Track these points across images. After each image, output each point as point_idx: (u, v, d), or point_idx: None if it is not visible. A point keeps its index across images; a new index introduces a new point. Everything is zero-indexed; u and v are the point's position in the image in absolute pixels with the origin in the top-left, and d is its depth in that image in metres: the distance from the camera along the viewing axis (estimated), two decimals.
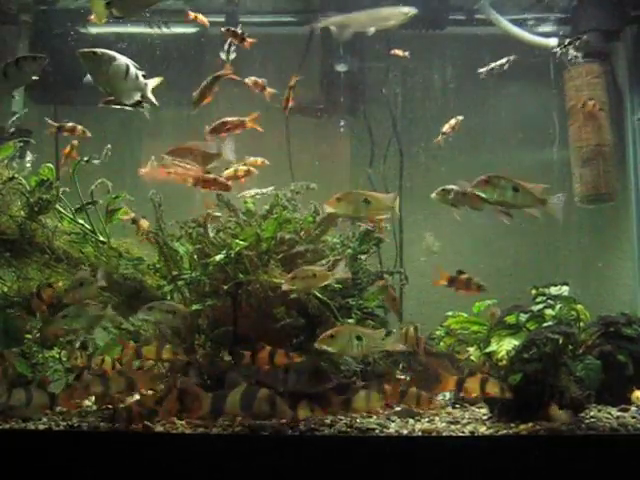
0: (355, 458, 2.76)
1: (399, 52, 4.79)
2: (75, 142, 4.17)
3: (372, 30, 4.10)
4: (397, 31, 4.30)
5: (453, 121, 4.71)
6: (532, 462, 2.73)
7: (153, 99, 3.27)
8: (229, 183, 3.61)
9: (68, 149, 4.16)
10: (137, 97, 3.18)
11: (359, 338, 2.97)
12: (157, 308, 3.31)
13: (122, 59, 3.04)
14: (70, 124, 4.19)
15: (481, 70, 4.77)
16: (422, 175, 5.46)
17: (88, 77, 3.10)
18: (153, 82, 3.27)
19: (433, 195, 3.33)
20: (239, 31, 4.02)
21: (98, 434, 2.91)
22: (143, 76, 3.16)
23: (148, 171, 3.83)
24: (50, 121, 4.23)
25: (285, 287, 3.13)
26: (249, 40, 4.04)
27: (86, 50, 2.95)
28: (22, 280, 3.77)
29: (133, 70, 3.07)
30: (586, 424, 2.92)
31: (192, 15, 4.53)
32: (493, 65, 4.70)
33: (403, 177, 5.46)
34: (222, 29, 4.06)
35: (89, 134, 4.23)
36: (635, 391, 3.41)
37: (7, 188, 3.59)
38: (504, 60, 4.67)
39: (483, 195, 2.93)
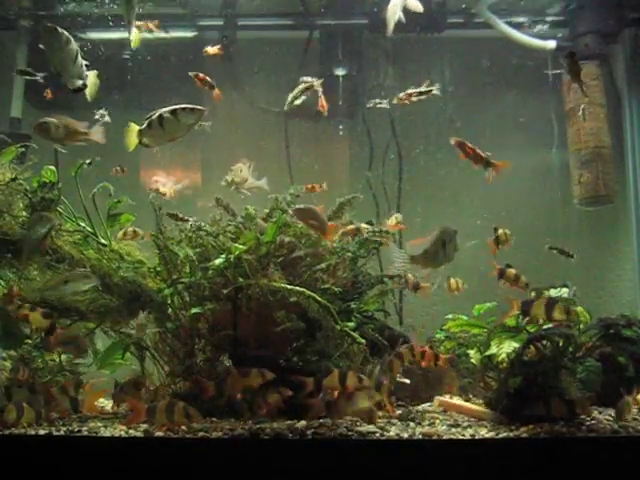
0: (356, 462, 2.76)
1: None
2: None
3: None
4: (396, 34, 4.29)
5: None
6: (533, 465, 2.73)
7: (88, 92, 3.35)
8: None
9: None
10: (79, 84, 3.25)
11: None
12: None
13: (75, 44, 3.13)
14: None
15: None
16: (421, 178, 5.46)
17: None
18: (92, 75, 3.34)
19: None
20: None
21: (98, 439, 2.91)
22: (86, 66, 3.27)
23: None
24: None
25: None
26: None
27: (50, 25, 3.03)
28: (23, 281, 3.76)
29: (80, 58, 3.19)
30: (587, 426, 2.92)
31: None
32: None
33: (402, 180, 5.46)
34: None
35: None
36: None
37: (9, 189, 3.59)
38: None
39: None
